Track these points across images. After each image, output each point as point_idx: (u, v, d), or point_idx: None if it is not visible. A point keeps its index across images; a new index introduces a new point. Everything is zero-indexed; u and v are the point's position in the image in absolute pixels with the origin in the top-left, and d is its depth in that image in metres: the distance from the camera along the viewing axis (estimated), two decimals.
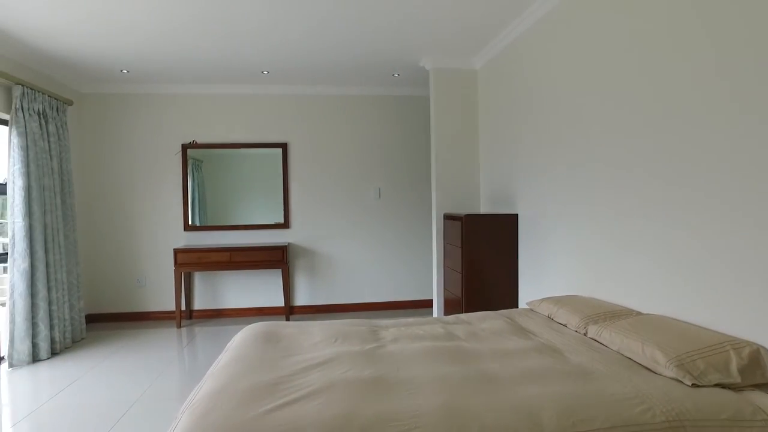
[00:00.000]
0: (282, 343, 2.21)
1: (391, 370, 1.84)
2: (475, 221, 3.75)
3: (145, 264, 5.22)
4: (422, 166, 5.49)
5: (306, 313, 5.39)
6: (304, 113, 5.37)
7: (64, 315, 4.26)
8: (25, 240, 3.86)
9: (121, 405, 3.06)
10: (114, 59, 4.23)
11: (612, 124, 2.54)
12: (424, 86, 5.27)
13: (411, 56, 4.35)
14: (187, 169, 5.22)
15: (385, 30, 3.70)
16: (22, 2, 3.06)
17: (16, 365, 3.82)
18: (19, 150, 3.85)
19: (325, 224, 5.42)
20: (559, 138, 3.08)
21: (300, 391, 1.64)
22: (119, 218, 5.19)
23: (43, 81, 4.45)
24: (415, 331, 2.42)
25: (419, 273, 5.56)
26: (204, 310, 5.31)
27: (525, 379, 1.70)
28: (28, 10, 3.18)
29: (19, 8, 3.15)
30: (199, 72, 4.69)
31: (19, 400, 3.29)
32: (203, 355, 4.17)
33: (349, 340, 2.26)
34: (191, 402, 1.65)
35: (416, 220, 5.55)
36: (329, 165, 5.41)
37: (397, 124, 5.51)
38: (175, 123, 5.22)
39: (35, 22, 3.38)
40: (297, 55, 4.24)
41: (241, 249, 4.91)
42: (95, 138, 5.14)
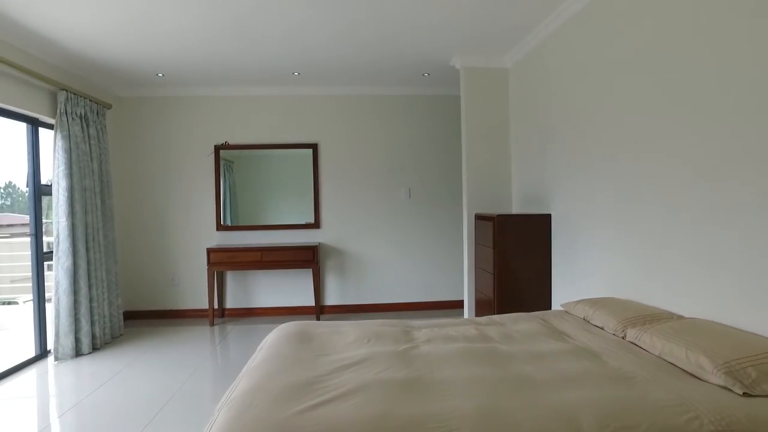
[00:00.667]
0: (315, 343, 2.23)
1: (425, 371, 1.83)
2: (508, 221, 3.70)
3: (179, 263, 5.35)
4: (453, 166, 5.45)
5: (336, 312, 5.43)
6: (334, 114, 5.40)
7: (103, 312, 4.40)
8: (68, 239, 4.00)
9: (158, 400, 3.14)
10: (150, 63, 4.35)
11: (656, 120, 2.46)
12: (454, 85, 5.22)
13: (441, 55, 4.32)
14: (220, 170, 5.32)
15: (415, 30, 3.69)
16: (68, 12, 3.17)
17: (61, 359, 3.97)
18: (63, 153, 4.00)
19: (355, 224, 5.44)
20: (597, 136, 3.01)
21: (334, 391, 1.65)
22: (154, 218, 5.33)
23: (85, 86, 4.61)
24: (447, 332, 2.40)
25: (450, 273, 5.53)
26: (236, 309, 5.41)
27: (562, 382, 1.66)
28: (74, 19, 3.30)
29: (66, 17, 3.27)
30: (231, 74, 4.77)
31: (64, 392, 3.43)
32: (235, 353, 4.25)
33: (382, 340, 2.26)
34: (228, 399, 1.68)
35: (447, 220, 5.51)
36: (359, 165, 5.43)
37: (427, 123, 5.49)
38: (208, 124, 5.32)
39: (79, 29, 3.49)
40: (327, 56, 4.27)
41: (272, 249, 4.97)
42: (132, 140, 5.30)
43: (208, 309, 5.04)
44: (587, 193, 3.14)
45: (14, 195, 18.24)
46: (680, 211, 2.26)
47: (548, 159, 3.70)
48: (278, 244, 5.10)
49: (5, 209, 18.37)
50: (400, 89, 5.40)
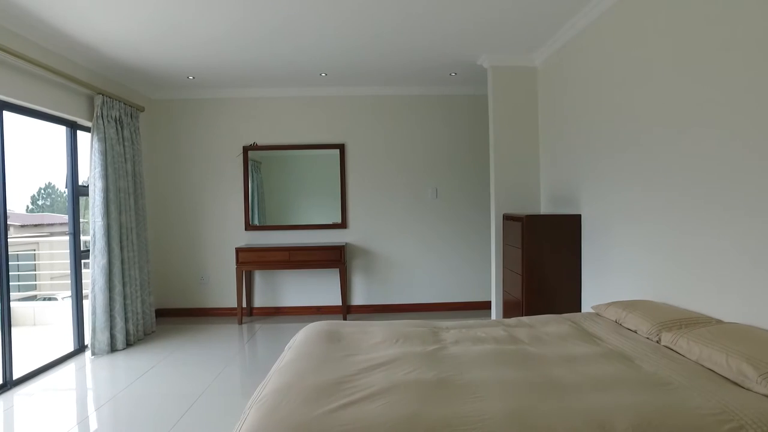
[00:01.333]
0: (343, 343, 2.24)
1: (454, 372, 1.82)
2: (536, 222, 3.65)
3: (209, 262, 5.45)
4: (480, 166, 5.41)
5: (363, 312, 5.44)
6: (361, 114, 5.42)
7: (136, 309, 4.52)
8: (103, 238, 4.12)
9: (190, 396, 3.21)
10: (181, 67, 4.45)
11: (692, 120, 2.39)
12: (481, 85, 5.18)
13: (468, 55, 4.29)
14: (248, 171, 5.40)
15: (442, 30, 3.67)
16: (105, 19, 3.27)
17: (98, 354, 4.10)
18: (99, 155, 4.12)
19: (381, 224, 5.45)
20: (629, 135, 2.94)
21: (363, 391, 1.65)
22: (185, 218, 5.45)
23: (119, 89, 4.74)
24: (476, 333, 2.38)
25: (477, 274, 5.48)
26: (264, 308, 5.48)
27: (595, 386, 1.63)
28: (110, 26, 3.40)
29: (103, 24, 3.37)
30: (259, 76, 4.84)
31: (101, 386, 3.54)
32: (263, 351, 4.30)
33: (410, 341, 2.25)
34: (258, 397, 1.70)
35: (474, 221, 5.47)
36: (386, 165, 5.43)
37: (454, 123, 5.46)
38: (236, 126, 5.41)
39: (115, 35, 3.60)
40: (355, 57, 4.29)
41: (300, 248, 5.02)
42: (163, 141, 5.42)
43: (237, 308, 5.12)
44: (619, 193, 3.07)
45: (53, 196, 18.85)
46: (717, 211, 2.19)
47: (578, 158, 3.63)
48: (306, 244, 5.15)
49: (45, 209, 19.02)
50: (426, 89, 5.39)
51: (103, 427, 2.86)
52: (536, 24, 3.60)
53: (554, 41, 3.88)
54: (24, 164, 3.33)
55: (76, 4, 3.09)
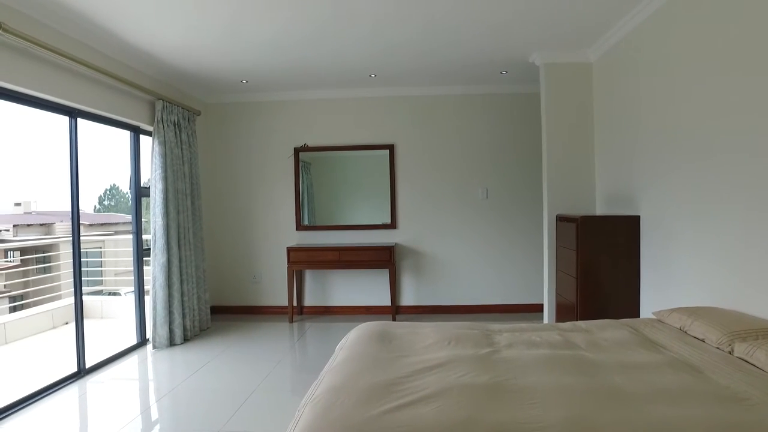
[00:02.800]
0: (395, 344, 2.24)
1: (508, 377, 1.78)
2: (592, 223, 3.52)
3: (261, 261, 5.59)
4: (532, 166, 5.28)
5: (411, 313, 5.43)
6: (410, 114, 5.42)
7: (193, 305, 4.71)
8: (163, 237, 4.32)
9: (244, 391, 3.30)
10: (235, 72, 4.59)
11: (763, 114, 2.23)
12: (533, 83, 5.05)
13: (520, 52, 4.20)
14: (299, 172, 5.50)
15: (494, 27, 3.61)
16: (166, 28, 3.42)
17: (158, 347, 4.30)
18: (159, 157, 4.32)
19: (431, 225, 5.42)
20: (693, 131, 2.78)
21: (416, 394, 1.64)
22: (238, 218, 5.62)
23: (177, 95, 4.95)
24: (530, 337, 2.32)
25: (528, 276, 5.35)
26: (314, 307, 5.57)
27: (659, 397, 1.55)
28: (170, 34, 3.55)
29: (163, 33, 3.53)
30: (310, 79, 4.93)
31: (161, 378, 3.71)
32: (313, 350, 4.38)
33: (463, 343, 2.23)
34: (312, 397, 1.72)
35: (525, 221, 5.35)
36: (436, 165, 5.40)
37: (504, 122, 5.35)
38: (288, 127, 5.53)
39: (174, 43, 3.76)
40: (404, 58, 4.29)
41: (350, 248, 5.07)
42: (218, 144, 5.62)
43: (288, 306, 5.23)
44: (681, 193, 2.91)
45: (117, 196, 19.98)
46: None
47: (637, 157, 3.47)
48: (356, 244, 5.19)
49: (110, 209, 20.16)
50: (476, 88, 5.31)
51: (163, 418, 2.99)
52: (592, 17, 3.47)
53: (610, 36, 3.73)
54: (91, 167, 3.56)
55: (140, 16, 3.25)
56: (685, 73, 2.85)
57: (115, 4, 3.07)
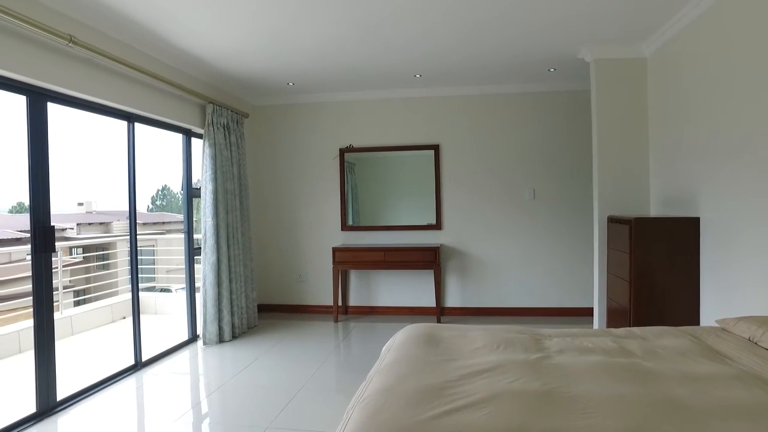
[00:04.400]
0: (442, 346, 2.22)
1: (560, 384, 1.73)
2: (647, 225, 3.38)
3: (306, 260, 5.68)
4: (581, 165, 5.12)
5: (456, 314, 5.38)
6: (455, 114, 5.36)
7: (241, 303, 4.83)
8: (213, 237, 4.45)
9: (291, 388, 3.36)
10: (282, 74, 4.67)
11: None
12: (582, 80, 4.90)
13: (569, 49, 4.07)
14: (344, 172, 5.55)
15: (541, 23, 3.51)
16: (216, 34, 3.53)
17: (208, 344, 4.44)
18: (209, 159, 4.46)
19: (477, 225, 5.35)
20: (760, 128, 2.61)
21: (466, 398, 1.62)
22: (284, 217, 5.72)
23: (226, 98, 5.09)
24: (582, 342, 2.25)
25: (577, 278, 5.19)
26: (358, 306, 5.61)
27: (728, 413, 1.46)
28: (219, 40, 3.66)
29: (216, 40, 3.64)
30: (355, 80, 4.96)
31: (211, 374, 3.83)
32: (358, 350, 4.40)
33: (512, 347, 2.18)
34: (361, 398, 1.72)
35: (574, 222, 5.19)
36: (481, 165, 5.32)
37: (552, 121, 5.22)
38: (333, 128, 5.58)
39: (224, 48, 3.87)
40: (450, 57, 4.25)
41: (395, 249, 5.07)
42: (265, 145, 5.74)
43: (333, 306, 5.28)
44: (745, 192, 2.74)
45: (168, 197, 20.79)
46: None
47: (695, 156, 3.30)
48: (401, 245, 5.19)
49: (162, 209, 21.00)
50: (523, 86, 5.20)
51: (213, 413, 3.08)
52: (648, 10, 3.32)
53: (667, 29, 3.56)
54: (145, 169, 3.75)
55: (196, 26, 3.37)
56: (748, 66, 2.68)
57: (174, 15, 3.20)
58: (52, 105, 3.08)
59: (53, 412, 3.05)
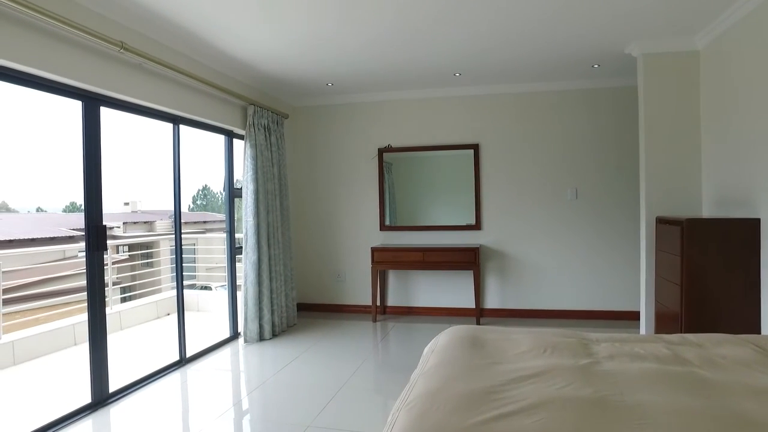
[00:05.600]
0: (487, 349, 2.18)
1: (612, 391, 1.67)
2: (700, 226, 3.22)
3: (345, 260, 5.71)
4: (626, 164, 4.95)
5: (496, 316, 5.29)
6: (495, 113, 5.28)
7: (281, 302, 4.90)
8: (254, 236, 4.53)
9: (331, 388, 3.38)
10: (322, 75, 4.71)
11: None
12: (628, 76, 4.73)
13: (614, 43, 3.94)
14: (383, 172, 5.55)
15: (585, 18, 3.40)
16: (259, 37, 3.58)
17: (249, 341, 4.52)
18: (251, 160, 4.54)
19: (517, 226, 5.25)
20: None
21: (515, 404, 1.58)
22: (323, 217, 5.77)
23: (267, 99, 5.17)
24: (632, 348, 2.16)
25: (622, 281, 5.02)
26: (396, 307, 5.59)
27: None
28: (262, 44, 3.72)
29: (256, 42, 3.69)
30: (394, 80, 4.95)
31: (252, 371, 3.89)
32: (397, 350, 4.39)
33: (559, 352, 2.12)
34: (406, 401, 1.71)
35: (619, 223, 5.02)
36: (522, 164, 5.22)
37: (595, 118, 5.06)
38: (371, 128, 5.59)
39: (266, 51, 3.93)
40: (490, 55, 4.17)
41: (434, 249, 5.03)
42: (304, 146, 5.80)
43: (371, 305, 5.29)
44: None
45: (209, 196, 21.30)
46: None
47: (755, 154, 3.12)
48: (440, 245, 5.15)
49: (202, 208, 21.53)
50: (564, 84, 5.07)
51: (254, 411, 3.13)
52: (699, 1, 3.17)
53: (723, 20, 3.39)
54: (187, 169, 3.86)
55: (240, 30, 3.43)
56: None
57: (219, 20, 3.26)
58: (105, 109, 3.20)
59: (106, 403, 3.17)
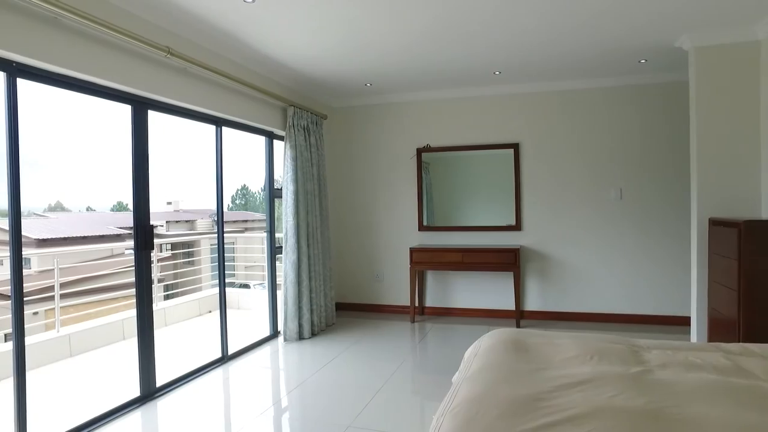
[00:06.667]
0: (531, 354, 2.12)
1: (669, 403, 1.59)
2: (760, 228, 3.05)
3: (383, 260, 5.70)
4: (675, 162, 4.74)
5: (536, 318, 5.18)
6: (536, 111, 5.16)
7: (320, 302, 4.93)
8: (294, 236, 4.58)
9: (369, 389, 3.37)
10: (360, 76, 4.71)
11: None
12: (677, 70, 4.53)
13: (664, 37, 3.77)
14: (421, 172, 5.51)
15: (634, 11, 3.27)
16: (299, 40, 3.61)
17: (288, 340, 4.58)
18: (290, 161, 4.59)
19: (559, 227, 5.12)
20: None
21: (563, 412, 1.53)
22: (361, 218, 5.78)
23: (306, 100, 5.23)
24: (687, 357, 2.06)
25: (669, 284, 4.82)
26: (435, 308, 5.55)
27: None
28: (302, 46, 3.75)
29: (296, 45, 3.73)
30: (433, 79, 4.90)
31: (291, 370, 3.93)
32: (436, 351, 4.35)
33: (607, 358, 2.04)
34: (450, 406, 1.68)
35: (666, 224, 4.82)
36: (564, 164, 5.08)
37: (641, 116, 4.87)
38: (410, 128, 5.56)
39: (306, 53, 3.96)
40: (532, 52, 4.07)
41: (473, 250, 4.96)
42: (343, 146, 5.83)
43: (410, 306, 5.27)
44: None
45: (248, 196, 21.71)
46: None
47: None
48: (480, 246, 5.07)
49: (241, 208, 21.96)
50: (608, 80, 4.90)
51: (294, 409, 3.15)
52: None
53: None
54: (227, 169, 3.95)
55: (276, 30, 3.46)
56: None
57: (262, 22, 3.30)
58: (152, 112, 3.30)
59: (154, 397, 3.27)
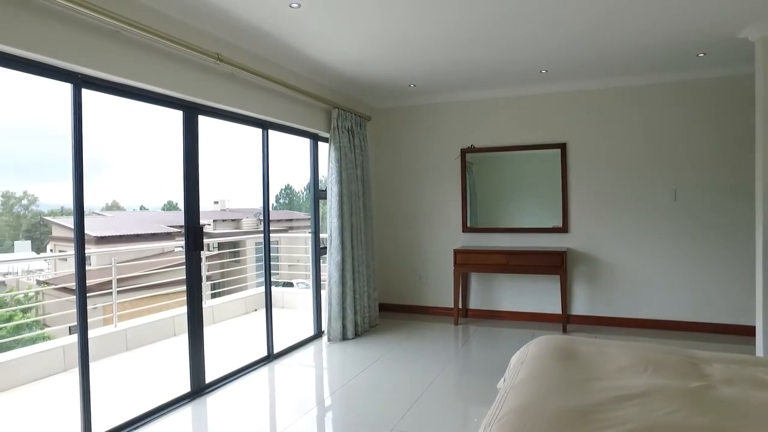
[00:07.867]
0: (581, 363, 2.05)
1: (735, 424, 1.49)
2: None
3: (426, 262, 5.66)
4: (737, 162, 4.47)
5: (583, 323, 5.01)
6: (585, 110, 4.99)
7: (363, 302, 4.96)
8: (338, 237, 4.62)
9: (412, 392, 3.35)
10: (404, 77, 4.69)
11: None
12: (738, 64, 4.27)
13: (726, 28, 3.55)
14: (465, 173, 5.44)
15: (694, 2, 3.10)
16: (343, 42, 3.63)
17: (332, 340, 4.62)
18: (335, 162, 4.63)
19: (608, 229, 4.93)
20: None
21: (617, 427, 1.46)
22: (405, 218, 5.77)
23: (350, 102, 5.26)
24: (754, 373, 1.94)
25: (730, 291, 4.55)
26: (478, 310, 5.46)
27: None
28: (346, 48, 3.77)
29: (340, 47, 3.75)
30: (477, 79, 4.83)
31: (334, 371, 3.98)
32: (479, 356, 4.28)
33: (663, 371, 1.94)
34: (497, 416, 1.64)
35: (726, 227, 4.54)
36: (613, 164, 4.89)
37: (698, 112, 4.62)
38: (454, 129, 5.50)
39: (350, 55, 3.98)
40: (580, 49, 3.94)
41: (518, 252, 4.86)
42: (387, 147, 5.83)
43: (453, 308, 5.21)
44: None
45: (291, 195, 22.06)
46: None
47: None
48: (525, 248, 4.96)
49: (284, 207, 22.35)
50: (662, 76, 4.67)
51: (338, 410, 3.18)
52: None
53: None
54: (272, 169, 4.05)
55: (321, 33, 3.49)
56: None
57: (308, 26, 3.33)
58: (202, 117, 3.41)
59: (203, 393, 3.38)
